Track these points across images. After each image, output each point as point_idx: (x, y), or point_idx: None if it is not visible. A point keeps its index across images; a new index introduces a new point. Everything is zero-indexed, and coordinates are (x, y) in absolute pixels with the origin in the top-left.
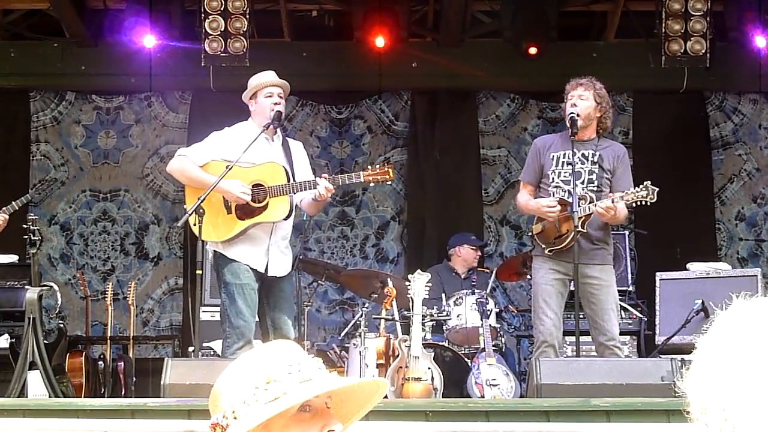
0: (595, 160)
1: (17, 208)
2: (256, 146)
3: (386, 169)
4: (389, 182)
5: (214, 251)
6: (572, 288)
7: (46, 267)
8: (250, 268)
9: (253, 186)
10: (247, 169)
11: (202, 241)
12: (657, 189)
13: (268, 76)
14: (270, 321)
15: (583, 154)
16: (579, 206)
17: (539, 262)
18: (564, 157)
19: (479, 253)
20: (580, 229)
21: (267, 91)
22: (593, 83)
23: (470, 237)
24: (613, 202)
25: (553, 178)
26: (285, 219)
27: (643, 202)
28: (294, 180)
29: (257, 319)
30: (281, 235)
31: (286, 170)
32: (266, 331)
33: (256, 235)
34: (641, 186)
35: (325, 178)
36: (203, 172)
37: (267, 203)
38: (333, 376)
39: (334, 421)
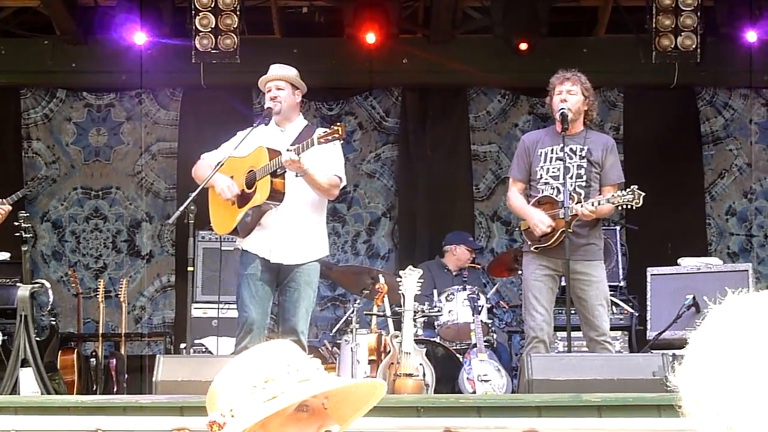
0: (583, 154)
1: (14, 201)
2: (266, 137)
3: (336, 128)
4: (341, 140)
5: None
6: (563, 284)
7: (40, 264)
8: (259, 257)
9: (247, 173)
10: (243, 158)
11: (194, 238)
12: (644, 194)
13: (268, 72)
14: (280, 312)
15: (571, 149)
16: (566, 206)
17: (529, 258)
18: (552, 153)
19: (473, 256)
20: (568, 230)
21: (266, 87)
22: (579, 76)
23: (467, 237)
24: (599, 204)
25: (541, 175)
26: (272, 200)
27: (629, 206)
28: None
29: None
30: (290, 221)
31: (269, 151)
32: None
33: (266, 223)
34: (628, 190)
35: (289, 150)
36: (209, 169)
37: (255, 187)
38: (331, 377)
39: (330, 421)
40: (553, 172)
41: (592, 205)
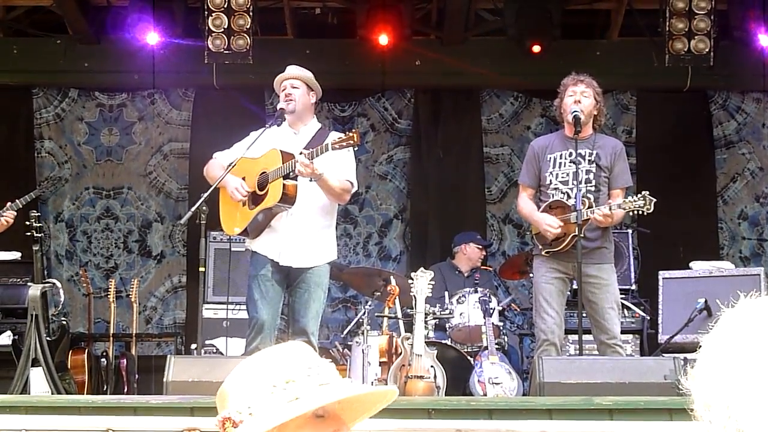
0: (592, 159)
1: (22, 205)
2: (278, 139)
3: (351, 134)
4: (356, 147)
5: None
6: (575, 287)
7: (54, 264)
8: (269, 259)
9: (259, 175)
10: (256, 160)
11: (205, 239)
12: (655, 200)
13: (285, 71)
14: (290, 313)
15: (580, 154)
16: (578, 209)
17: (539, 261)
18: (561, 158)
19: (484, 253)
20: (579, 235)
21: (282, 86)
22: (592, 81)
23: (476, 236)
24: (610, 209)
25: (551, 180)
26: (283, 203)
27: (640, 212)
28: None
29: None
30: (300, 224)
31: (283, 154)
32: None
33: (276, 225)
34: (639, 195)
35: (303, 153)
36: (221, 169)
37: (267, 189)
38: (347, 382)
39: (345, 427)
40: (562, 177)
41: (609, 209)
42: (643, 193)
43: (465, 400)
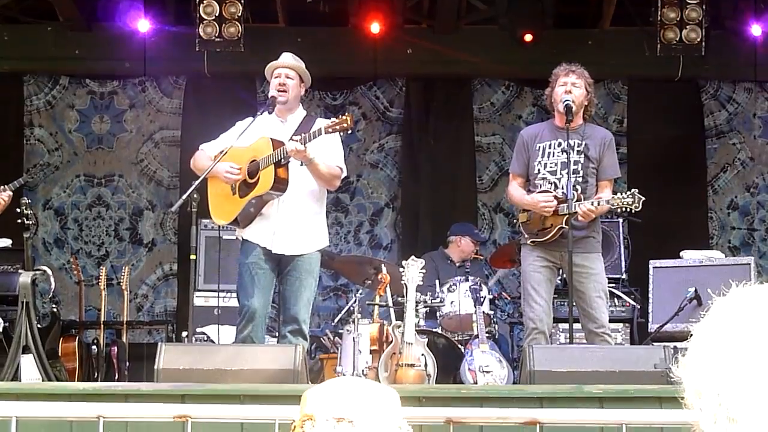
0: (581, 149)
1: (18, 186)
2: (266, 127)
3: (344, 117)
4: (349, 131)
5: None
6: (564, 276)
7: (41, 252)
8: (260, 247)
9: (249, 163)
10: (245, 149)
11: (196, 227)
12: (644, 198)
13: (280, 59)
14: (282, 301)
15: (568, 144)
16: (569, 198)
17: (527, 250)
18: (550, 148)
19: (478, 248)
20: (564, 227)
21: (275, 73)
22: (583, 71)
23: (473, 230)
24: (599, 204)
25: (539, 170)
26: (275, 191)
27: (629, 209)
28: None
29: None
30: (292, 211)
31: (273, 141)
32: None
33: (267, 213)
34: (628, 193)
35: (294, 140)
36: (208, 160)
37: (259, 177)
38: None
39: None
40: (550, 167)
41: (592, 204)
42: (633, 191)
43: (455, 389)
